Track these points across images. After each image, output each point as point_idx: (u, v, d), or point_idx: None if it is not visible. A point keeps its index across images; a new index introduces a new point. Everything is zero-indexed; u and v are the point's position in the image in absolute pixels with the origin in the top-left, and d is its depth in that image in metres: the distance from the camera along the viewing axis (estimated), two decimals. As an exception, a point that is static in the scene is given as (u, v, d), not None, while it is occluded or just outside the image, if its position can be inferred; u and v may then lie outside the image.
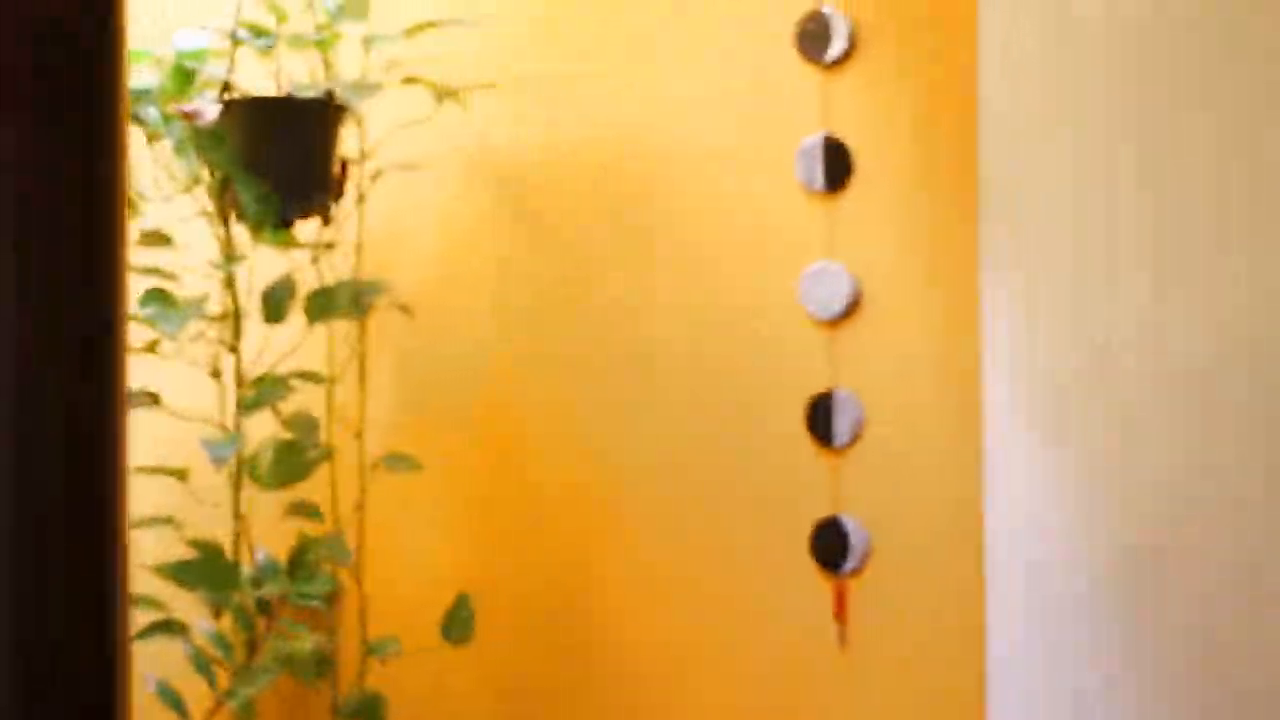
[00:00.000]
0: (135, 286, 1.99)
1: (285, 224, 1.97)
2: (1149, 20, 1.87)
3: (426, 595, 2.19)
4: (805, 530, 2.06)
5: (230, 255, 2.01)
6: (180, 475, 2.00)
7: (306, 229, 2.04)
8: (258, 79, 2.05)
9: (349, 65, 2.07)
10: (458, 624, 2.08)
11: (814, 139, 2.04)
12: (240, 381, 2.03)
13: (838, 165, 2.04)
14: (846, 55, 2.03)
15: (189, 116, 1.88)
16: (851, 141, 2.03)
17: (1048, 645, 1.93)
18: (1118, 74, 1.89)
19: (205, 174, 1.97)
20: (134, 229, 1.96)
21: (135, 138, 2.00)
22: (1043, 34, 1.93)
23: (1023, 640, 1.94)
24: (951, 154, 1.98)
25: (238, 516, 2.02)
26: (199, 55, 1.97)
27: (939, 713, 2.00)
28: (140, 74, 1.99)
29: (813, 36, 2.04)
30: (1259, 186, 1.82)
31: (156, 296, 1.99)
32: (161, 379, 2.02)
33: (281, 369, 2.04)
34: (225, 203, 1.98)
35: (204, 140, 1.90)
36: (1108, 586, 1.90)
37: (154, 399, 2.02)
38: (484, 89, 2.11)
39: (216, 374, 2.04)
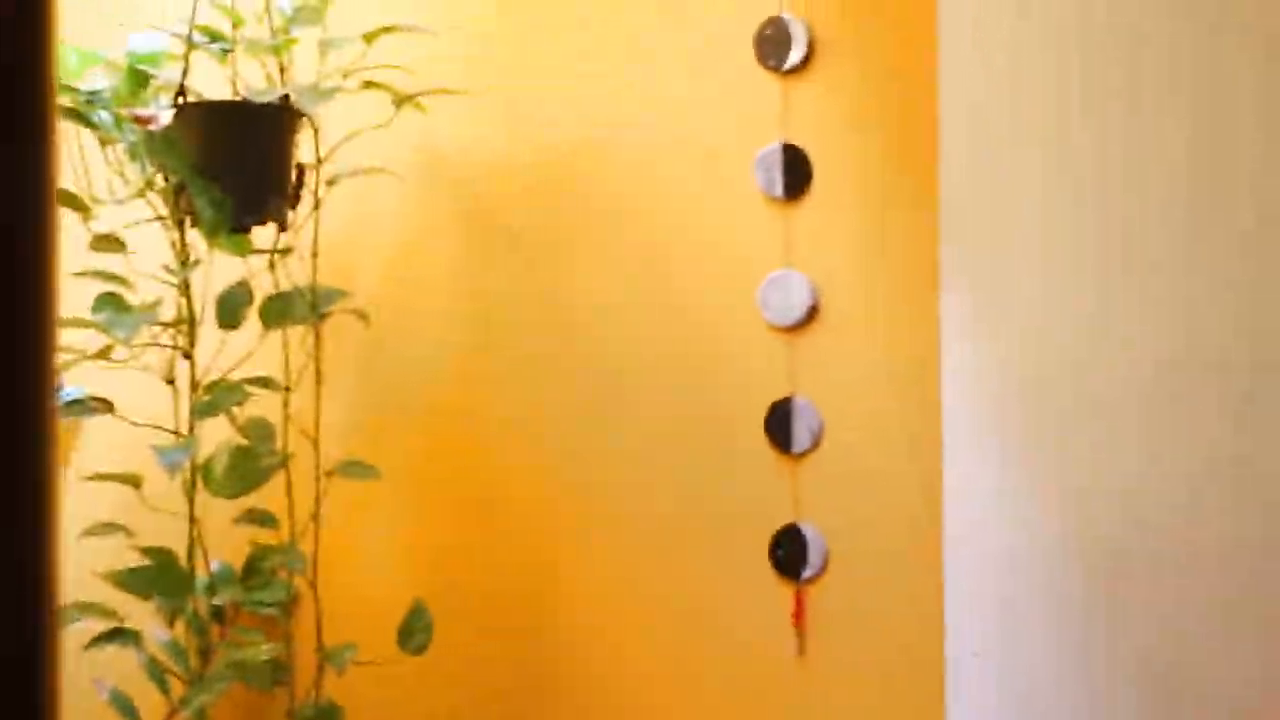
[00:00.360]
0: (88, 291, 1.98)
1: (241, 229, 1.96)
2: (1113, 30, 1.88)
3: (384, 603, 2.18)
4: (765, 537, 2.06)
5: (185, 260, 1.99)
6: (133, 482, 1.98)
7: (263, 234, 2.02)
8: (213, 83, 2.03)
9: (305, 70, 2.06)
10: (415, 632, 2.07)
11: (773, 146, 2.04)
12: (195, 388, 2.01)
13: (797, 172, 2.04)
14: (806, 62, 2.03)
15: (142, 121, 1.86)
16: (811, 149, 2.03)
17: (1007, 652, 1.93)
18: (1079, 83, 1.89)
19: (159, 178, 1.96)
20: (86, 233, 1.94)
21: (87, 141, 1.98)
22: (1004, 42, 1.93)
23: (982, 647, 1.94)
24: (911, 161, 1.99)
25: (192, 523, 2.00)
26: (153, 59, 1.96)
27: (898, 719, 2.00)
28: (93, 77, 1.97)
29: (772, 43, 2.04)
30: (1221, 195, 1.83)
31: (109, 301, 1.97)
32: (114, 385, 2.00)
33: (237, 375, 2.02)
34: (180, 207, 1.96)
35: (158, 145, 1.88)
36: (1067, 592, 1.90)
37: (107, 405, 2.00)
38: (442, 94, 2.10)
39: (170, 380, 2.02)
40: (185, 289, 2.01)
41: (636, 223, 2.12)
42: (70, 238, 1.97)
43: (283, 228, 2.03)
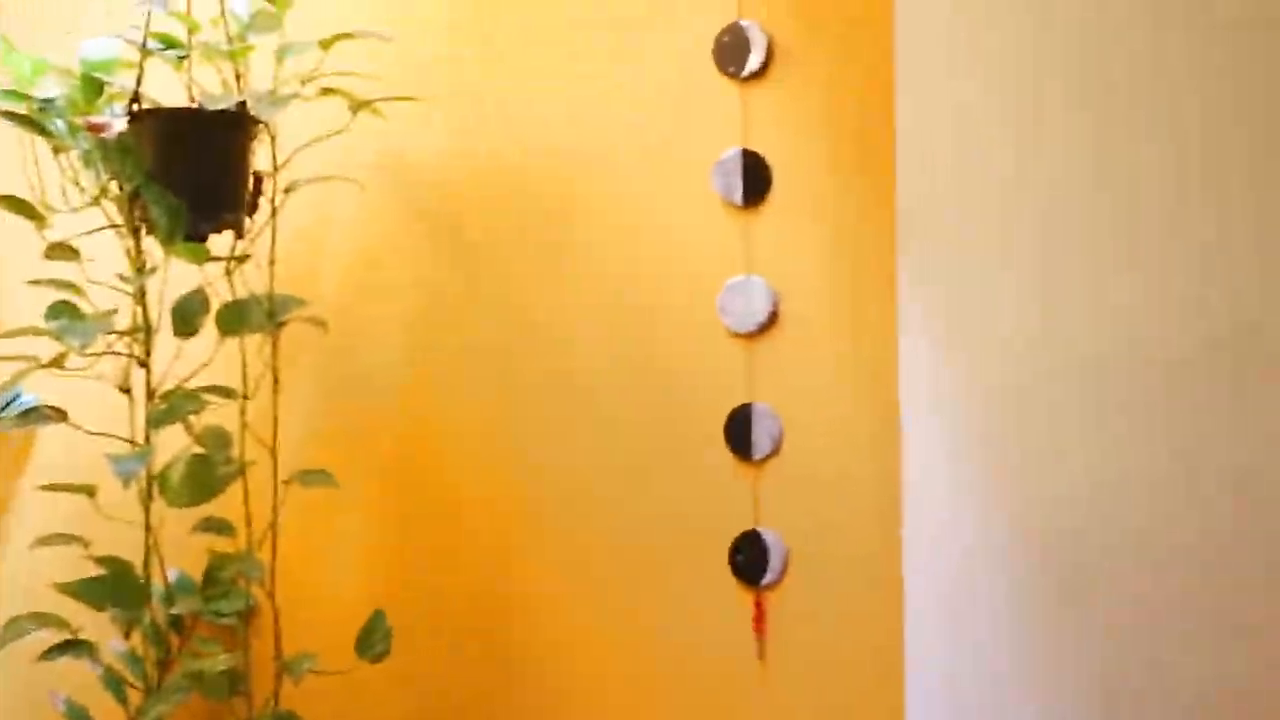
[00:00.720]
0: (42, 299, 1.96)
1: (197, 237, 1.94)
2: (1072, 34, 1.89)
3: (343, 611, 2.17)
4: (725, 543, 2.06)
5: (140, 268, 1.98)
6: (88, 492, 1.96)
7: (220, 242, 2.01)
8: (169, 90, 2.02)
9: (263, 77, 2.04)
10: (374, 641, 2.07)
11: (732, 152, 2.05)
12: (150, 396, 2.00)
13: (756, 179, 2.04)
14: (764, 68, 2.04)
15: (96, 129, 1.84)
16: (770, 155, 2.04)
17: (967, 657, 1.94)
18: (1036, 89, 1.90)
19: (114, 186, 1.94)
20: (41, 241, 1.92)
21: (41, 149, 1.96)
22: (962, 48, 1.94)
23: (941, 653, 1.95)
24: (869, 167, 1.99)
25: (148, 533, 1.99)
26: (107, 66, 1.94)
27: (858, 725, 2.01)
28: (47, 84, 1.95)
29: (730, 49, 2.04)
30: (1181, 197, 1.84)
31: (64, 309, 1.95)
32: (69, 394, 1.98)
33: (194, 384, 2.01)
34: (135, 215, 1.95)
35: (112, 152, 1.87)
36: (1026, 596, 1.91)
37: (61, 414, 1.98)
38: (400, 101, 2.10)
39: (126, 389, 2.00)
40: (141, 297, 2.00)
41: (596, 230, 2.12)
42: (24, 246, 1.96)
43: (239, 235, 2.01)
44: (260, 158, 2.04)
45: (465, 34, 2.19)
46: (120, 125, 1.87)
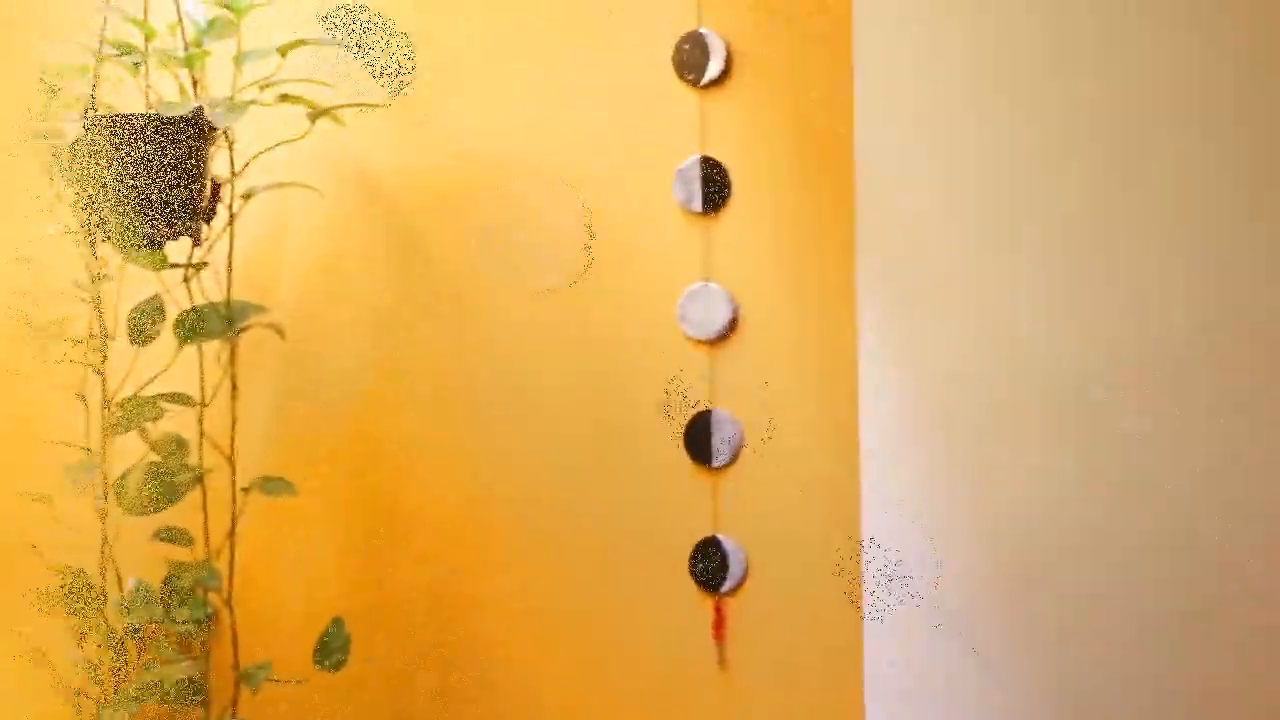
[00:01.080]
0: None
1: (154, 244, 1.93)
2: (1024, 40, 1.90)
3: (302, 619, 2.16)
4: (684, 550, 2.07)
5: (95, 275, 1.97)
6: (45, 501, 1.95)
7: (177, 249, 2.00)
8: (126, 96, 2.01)
9: (221, 83, 2.03)
10: (332, 649, 2.06)
11: (691, 160, 2.05)
12: (107, 404, 1.99)
13: (716, 186, 2.04)
14: (724, 76, 2.04)
15: (50, 135, 1.83)
16: (729, 162, 2.04)
17: (926, 664, 1.94)
18: (995, 96, 1.91)
19: (69, 192, 1.93)
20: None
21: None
22: (919, 55, 1.94)
23: (900, 659, 1.96)
24: (829, 174, 2.00)
25: (105, 542, 1.98)
26: (61, 72, 1.93)
27: (817, 732, 2.01)
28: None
29: (690, 57, 2.05)
30: (1144, 203, 1.85)
31: (18, 316, 1.94)
32: (26, 401, 1.97)
33: (151, 391, 2.00)
34: (90, 222, 1.94)
35: (66, 159, 1.86)
36: (984, 604, 1.91)
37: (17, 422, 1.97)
38: (359, 108, 2.09)
39: (82, 396, 1.99)
40: (96, 304, 1.98)
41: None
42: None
43: (197, 242, 2.00)
44: (218, 164, 2.03)
45: (424, 41, 2.18)
46: (76, 130, 1.86)
